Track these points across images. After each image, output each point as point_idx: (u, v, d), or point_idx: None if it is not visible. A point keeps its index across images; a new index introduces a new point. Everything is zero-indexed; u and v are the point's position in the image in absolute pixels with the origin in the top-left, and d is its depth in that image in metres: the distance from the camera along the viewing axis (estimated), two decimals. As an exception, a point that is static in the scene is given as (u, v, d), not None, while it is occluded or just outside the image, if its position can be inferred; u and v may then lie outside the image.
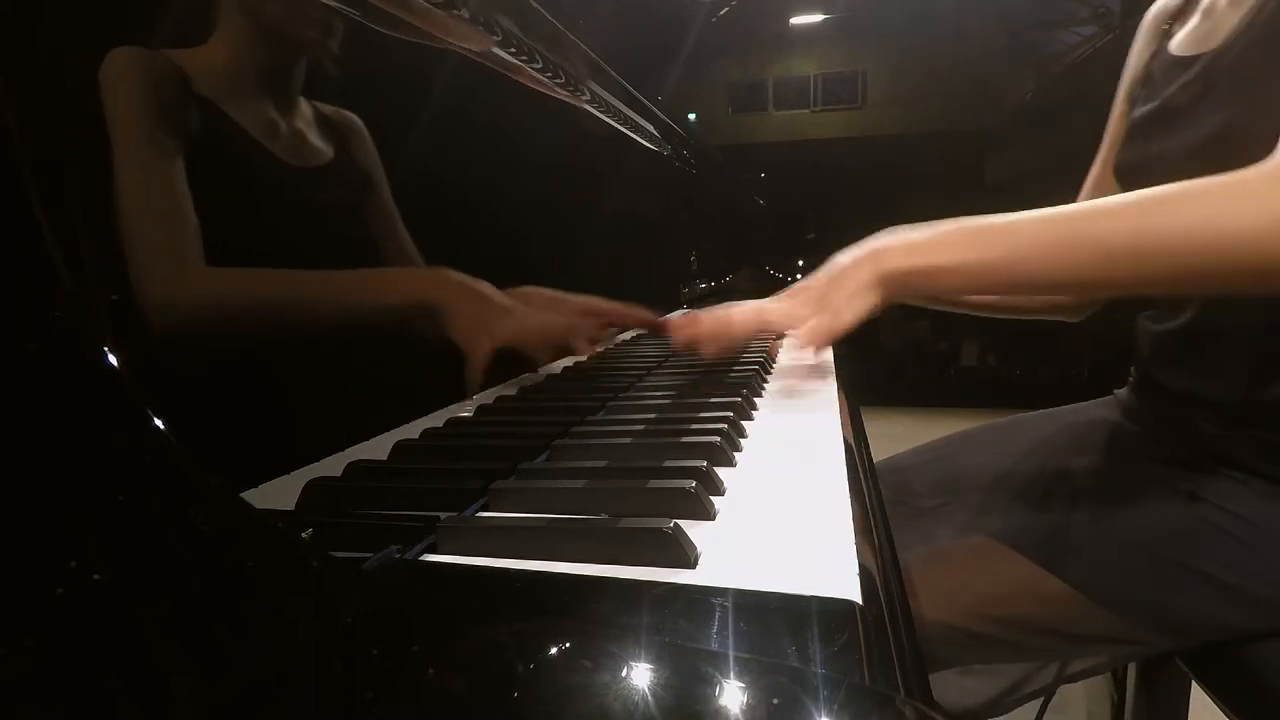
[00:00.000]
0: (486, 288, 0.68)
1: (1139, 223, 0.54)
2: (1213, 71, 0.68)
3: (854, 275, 0.64)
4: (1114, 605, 0.64)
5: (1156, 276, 0.56)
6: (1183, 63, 0.73)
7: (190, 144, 0.45)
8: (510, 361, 0.81)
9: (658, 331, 1.01)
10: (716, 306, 0.74)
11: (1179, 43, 0.76)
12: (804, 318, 0.67)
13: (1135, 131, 0.79)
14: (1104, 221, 0.57)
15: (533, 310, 0.74)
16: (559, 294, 0.86)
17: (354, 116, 0.63)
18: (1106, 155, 0.88)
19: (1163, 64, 0.77)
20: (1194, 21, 0.75)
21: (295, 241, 0.55)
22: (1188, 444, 0.71)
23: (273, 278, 0.51)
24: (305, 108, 0.59)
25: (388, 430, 0.58)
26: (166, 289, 0.42)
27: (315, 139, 0.59)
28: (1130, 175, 0.79)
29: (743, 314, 0.73)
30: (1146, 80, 0.80)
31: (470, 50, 0.77)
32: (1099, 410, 0.86)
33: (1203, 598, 0.62)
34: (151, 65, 0.45)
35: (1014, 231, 0.61)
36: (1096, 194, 0.88)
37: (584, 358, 0.90)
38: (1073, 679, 0.76)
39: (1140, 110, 0.77)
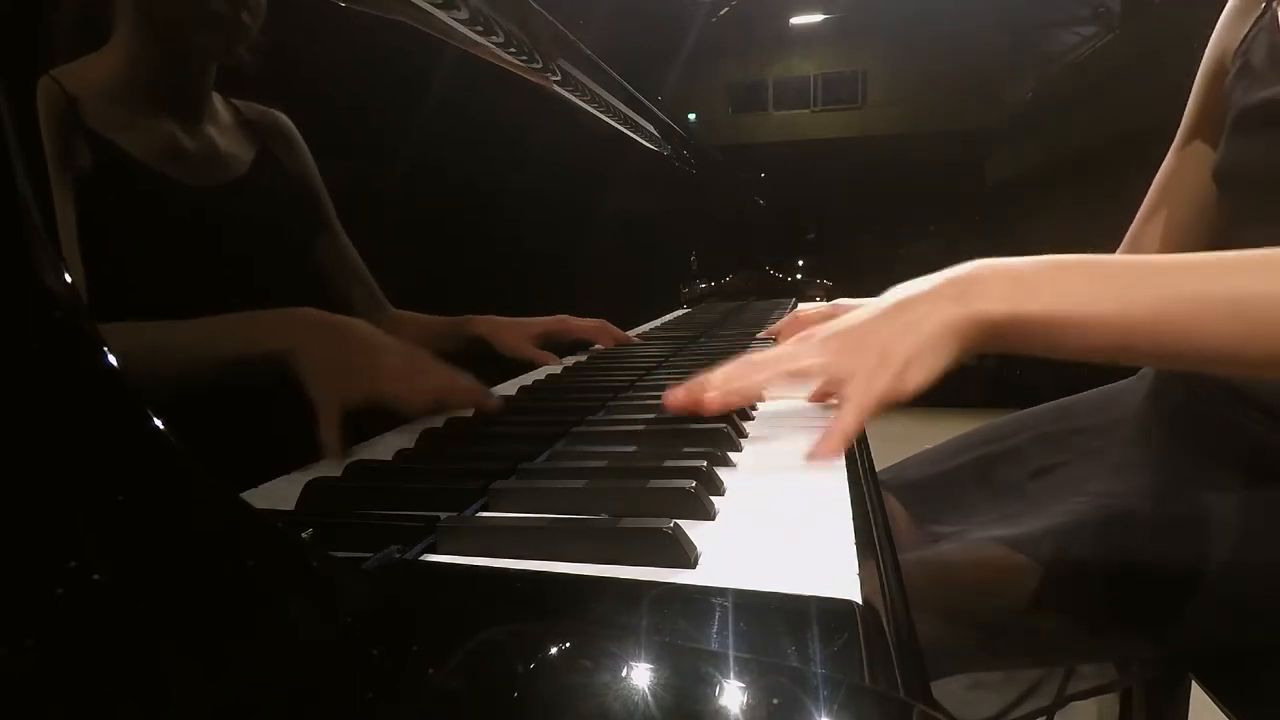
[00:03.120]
0: (353, 331, 0.55)
1: None
2: None
3: (930, 316, 0.47)
4: (1123, 619, 0.63)
5: None
6: None
7: (81, 187, 0.40)
8: (510, 363, 0.81)
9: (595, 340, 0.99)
10: (731, 364, 0.53)
11: None
12: (851, 370, 0.49)
13: (1242, 126, 0.68)
14: None
15: (412, 359, 0.58)
16: (523, 319, 0.80)
17: (280, 116, 0.56)
18: (1186, 135, 0.80)
19: (1270, 49, 0.66)
20: None
21: (214, 268, 0.49)
22: (1219, 445, 0.67)
23: (129, 331, 0.42)
24: (221, 109, 0.52)
25: (388, 430, 0.58)
26: None
27: (231, 147, 0.52)
28: (1241, 176, 0.69)
29: (765, 370, 0.52)
30: (1246, 68, 0.69)
31: (466, 49, 0.77)
32: (1118, 404, 0.81)
33: (1218, 612, 0.61)
34: (40, 96, 0.39)
35: (1177, 279, 0.44)
36: (1174, 183, 0.82)
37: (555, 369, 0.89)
38: (1080, 697, 0.74)
39: (1246, 101, 0.67)
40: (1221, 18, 0.76)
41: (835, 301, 0.88)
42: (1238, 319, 0.43)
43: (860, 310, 0.51)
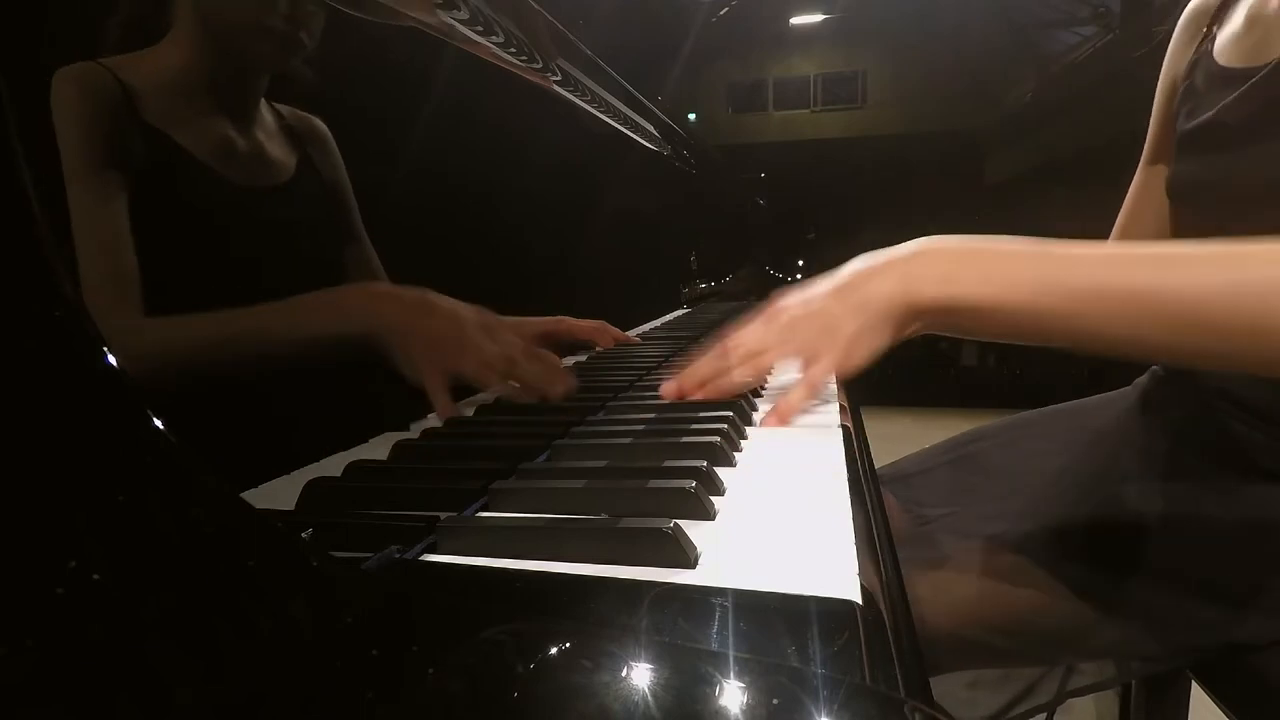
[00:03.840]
0: (434, 301, 0.57)
1: None
2: (1272, 89, 0.61)
3: (875, 299, 0.51)
4: (1122, 617, 0.63)
5: None
6: (1231, 76, 0.66)
7: (134, 178, 0.41)
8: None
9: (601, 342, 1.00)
10: (703, 363, 0.60)
11: (1224, 51, 0.69)
12: (803, 346, 0.55)
13: (1185, 147, 0.72)
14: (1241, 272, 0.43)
15: (493, 327, 0.60)
16: (522, 319, 0.78)
17: (318, 122, 0.57)
18: (1150, 157, 0.83)
19: (1207, 74, 0.70)
20: (1237, 27, 0.69)
21: (258, 269, 0.51)
22: (1214, 445, 0.68)
23: (193, 322, 0.44)
24: (266, 114, 0.53)
25: (388, 430, 0.58)
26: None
27: (277, 151, 0.53)
28: (1186, 195, 0.73)
29: (735, 367, 0.58)
30: (1190, 91, 0.73)
31: (466, 48, 0.77)
32: (1113, 408, 0.82)
33: (1217, 610, 0.61)
34: (91, 83, 0.40)
35: (1089, 269, 0.47)
36: (1142, 200, 0.84)
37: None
38: (1079, 693, 0.74)
39: (1187, 125, 0.71)
40: (1171, 42, 0.78)
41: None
42: (1140, 310, 0.45)
43: (820, 284, 0.55)
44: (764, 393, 0.72)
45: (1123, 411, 0.80)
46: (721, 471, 0.44)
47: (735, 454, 0.49)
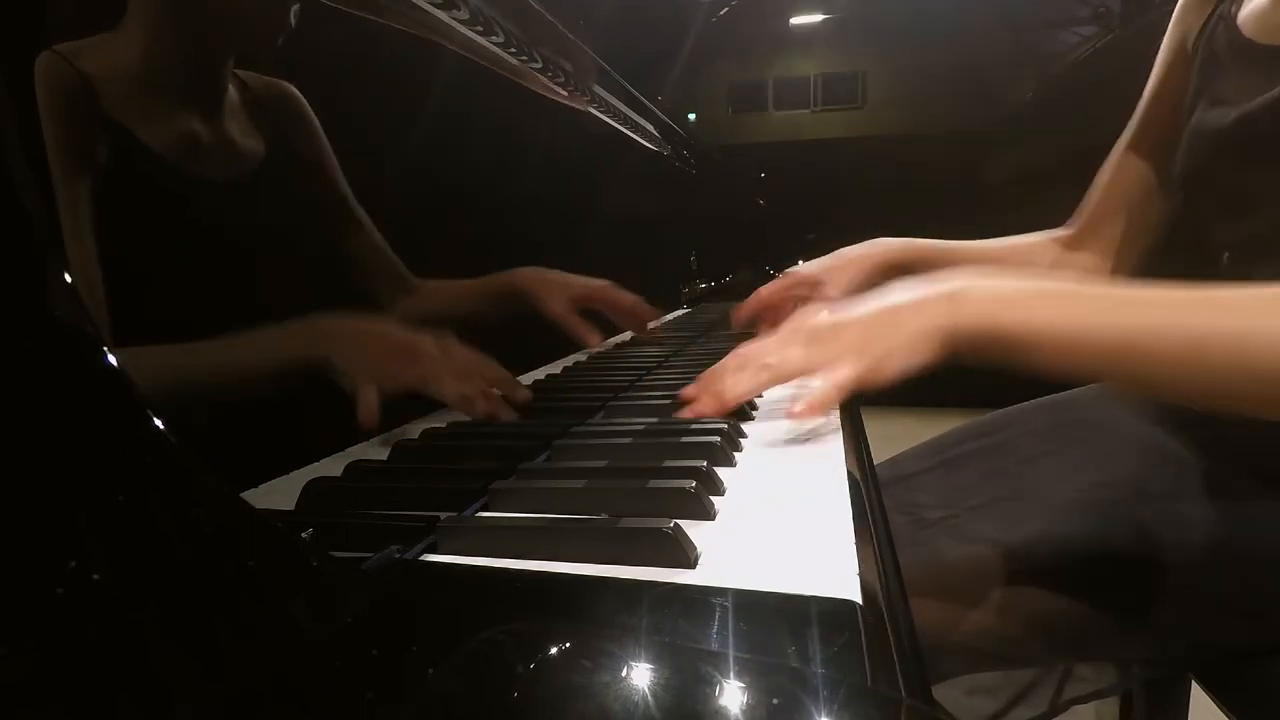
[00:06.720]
0: (380, 330, 0.55)
1: None
2: None
3: (915, 318, 0.50)
4: (1123, 621, 0.63)
5: None
6: (1259, 55, 0.61)
7: (95, 177, 0.37)
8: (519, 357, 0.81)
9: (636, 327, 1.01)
10: (722, 368, 0.57)
11: (1253, 22, 0.63)
12: (828, 359, 0.52)
13: (1207, 139, 0.66)
14: None
15: (441, 354, 0.56)
16: (568, 276, 0.80)
17: (287, 87, 0.52)
18: (1138, 134, 0.80)
19: (1231, 45, 0.64)
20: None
21: (238, 268, 0.48)
22: (1216, 450, 0.67)
23: (155, 354, 0.40)
24: (232, 91, 0.49)
25: (388, 430, 0.57)
26: None
27: (244, 135, 0.49)
28: (1205, 191, 0.69)
29: (754, 376, 0.55)
30: (1210, 64, 0.67)
31: (467, 50, 0.77)
32: (1107, 404, 0.80)
33: (1218, 612, 0.61)
34: (47, 75, 0.36)
35: (1144, 311, 0.46)
36: (1119, 184, 0.82)
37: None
38: (1080, 701, 0.74)
39: (1210, 112, 0.65)
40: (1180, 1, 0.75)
41: (787, 270, 0.91)
42: (1194, 355, 0.45)
43: (852, 310, 0.54)
44: (759, 403, 0.72)
45: (1119, 409, 0.79)
46: (721, 471, 0.44)
47: (735, 454, 0.49)
